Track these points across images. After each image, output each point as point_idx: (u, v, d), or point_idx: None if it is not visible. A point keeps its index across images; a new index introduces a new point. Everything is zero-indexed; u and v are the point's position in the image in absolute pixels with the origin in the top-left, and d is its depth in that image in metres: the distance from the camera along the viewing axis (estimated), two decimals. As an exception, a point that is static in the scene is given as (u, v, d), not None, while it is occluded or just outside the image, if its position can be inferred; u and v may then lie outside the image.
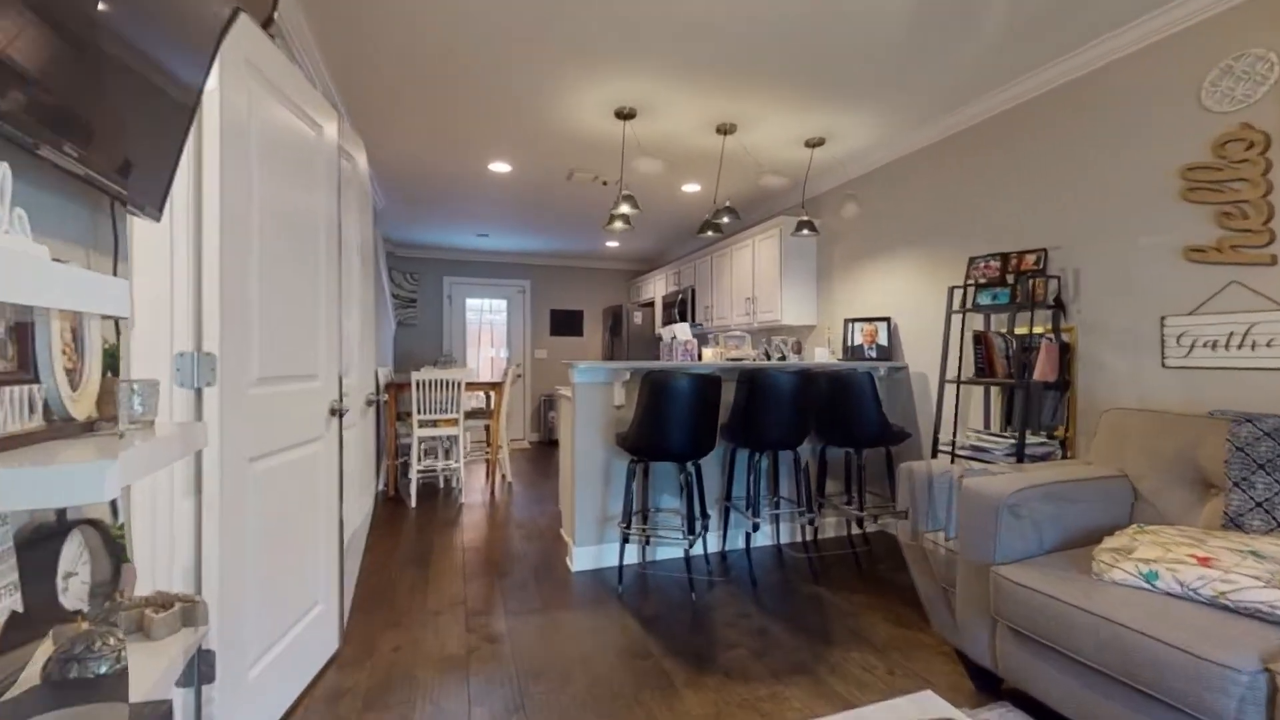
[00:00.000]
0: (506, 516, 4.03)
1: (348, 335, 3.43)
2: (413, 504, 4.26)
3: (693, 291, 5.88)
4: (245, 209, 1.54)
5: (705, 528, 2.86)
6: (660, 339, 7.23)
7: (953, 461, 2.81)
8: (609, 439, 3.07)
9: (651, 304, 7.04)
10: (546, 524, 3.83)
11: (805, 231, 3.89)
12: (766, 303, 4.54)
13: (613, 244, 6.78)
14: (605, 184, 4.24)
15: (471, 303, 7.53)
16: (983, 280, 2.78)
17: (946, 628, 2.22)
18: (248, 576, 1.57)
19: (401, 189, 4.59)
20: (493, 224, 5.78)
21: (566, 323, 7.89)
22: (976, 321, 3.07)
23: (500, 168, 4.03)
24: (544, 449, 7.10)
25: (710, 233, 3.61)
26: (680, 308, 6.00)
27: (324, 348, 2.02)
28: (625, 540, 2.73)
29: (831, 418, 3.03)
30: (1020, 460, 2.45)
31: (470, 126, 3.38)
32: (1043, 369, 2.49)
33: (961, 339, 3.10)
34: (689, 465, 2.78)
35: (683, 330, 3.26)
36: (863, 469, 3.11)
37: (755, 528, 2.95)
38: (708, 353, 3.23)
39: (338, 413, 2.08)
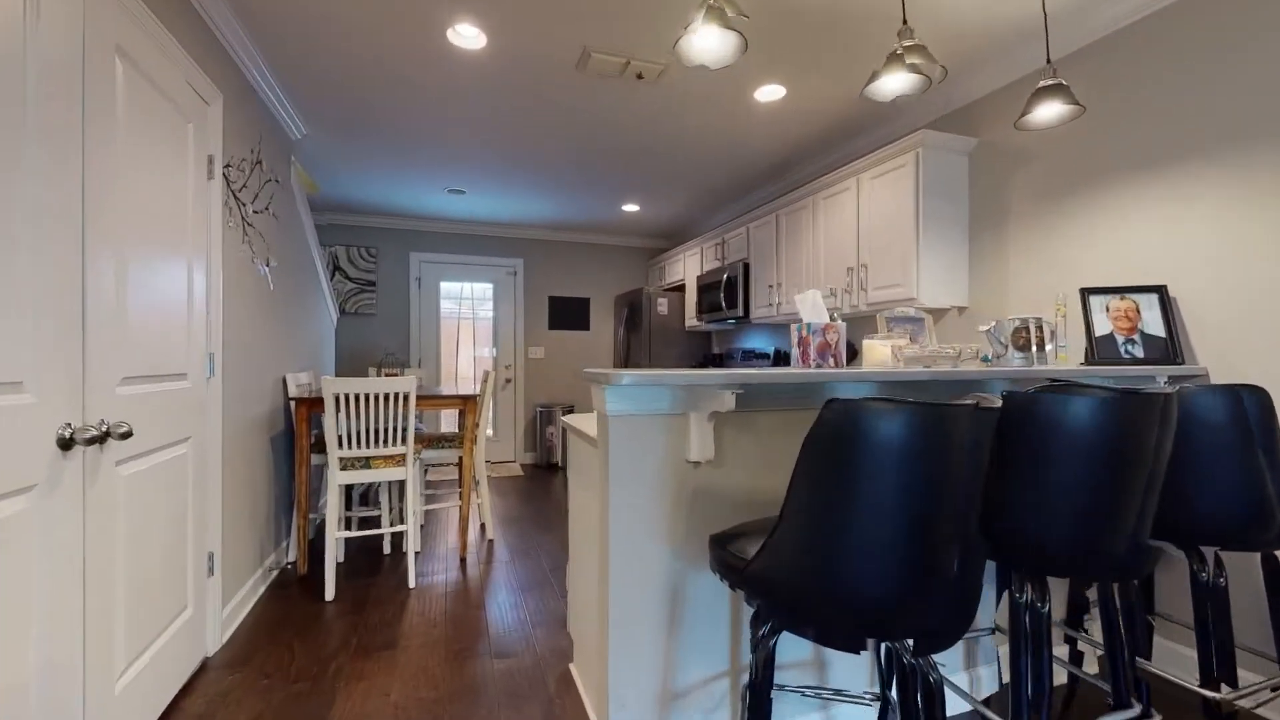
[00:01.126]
0: (479, 624, 2.41)
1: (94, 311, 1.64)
2: (329, 594, 2.64)
3: (745, 268, 4.27)
4: None
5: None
6: (689, 331, 5.61)
7: None
8: (678, 533, 1.47)
9: (681, 288, 5.43)
10: (545, 643, 2.22)
11: (956, 152, 2.31)
12: (887, 272, 2.93)
13: (631, 208, 5.16)
14: (641, 76, 2.62)
15: (448, 287, 5.89)
16: None
17: None
18: None
19: (322, 98, 2.97)
20: (468, 170, 4.15)
21: (569, 313, 6.26)
22: None
23: (468, 37, 2.41)
24: (540, 475, 5.47)
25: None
26: (728, 290, 4.38)
27: None
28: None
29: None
30: None
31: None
32: None
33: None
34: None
35: (815, 304, 1.62)
36: (1224, 591, 1.50)
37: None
38: (879, 348, 1.60)
39: None
